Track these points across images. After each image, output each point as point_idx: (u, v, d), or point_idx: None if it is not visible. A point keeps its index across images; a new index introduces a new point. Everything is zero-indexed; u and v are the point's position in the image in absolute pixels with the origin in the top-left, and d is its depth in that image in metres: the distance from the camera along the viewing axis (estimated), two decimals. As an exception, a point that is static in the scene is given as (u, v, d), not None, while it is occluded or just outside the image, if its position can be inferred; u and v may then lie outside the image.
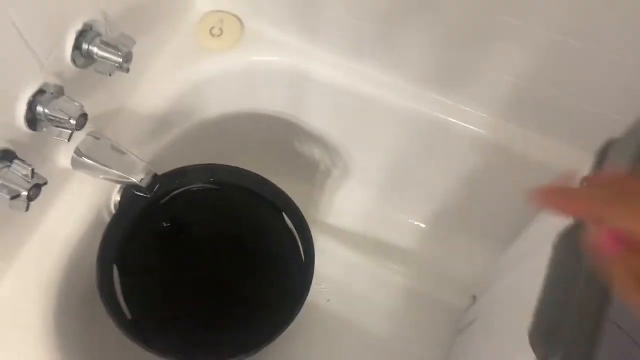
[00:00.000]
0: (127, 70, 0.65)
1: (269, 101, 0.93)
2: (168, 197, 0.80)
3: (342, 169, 1.04)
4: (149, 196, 0.70)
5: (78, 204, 0.73)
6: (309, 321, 0.98)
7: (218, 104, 0.89)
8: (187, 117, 0.87)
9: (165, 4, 0.78)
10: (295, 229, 0.77)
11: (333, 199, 1.07)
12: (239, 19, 0.85)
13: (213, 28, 0.83)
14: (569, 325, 0.41)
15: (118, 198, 0.78)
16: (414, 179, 0.98)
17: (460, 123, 0.82)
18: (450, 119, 0.82)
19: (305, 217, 0.77)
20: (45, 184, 0.59)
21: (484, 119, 0.81)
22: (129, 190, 0.77)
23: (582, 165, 0.54)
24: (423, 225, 1.05)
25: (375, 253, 1.03)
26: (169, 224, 0.80)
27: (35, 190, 0.57)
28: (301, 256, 0.76)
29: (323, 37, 0.82)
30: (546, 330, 0.42)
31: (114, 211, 0.75)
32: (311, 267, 0.73)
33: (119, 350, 0.75)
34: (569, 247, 0.45)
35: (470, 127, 0.81)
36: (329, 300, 1.00)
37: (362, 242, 1.04)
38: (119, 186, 0.77)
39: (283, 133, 0.98)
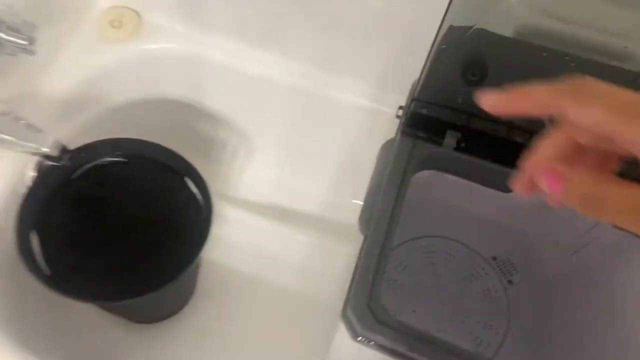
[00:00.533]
0: (32, 53, 0.74)
1: (171, 87, 1.04)
2: (80, 171, 0.89)
3: (247, 147, 1.15)
4: (58, 164, 0.79)
5: (-7, 178, 0.82)
6: (222, 284, 1.09)
7: (123, 91, 0.99)
8: (94, 103, 0.96)
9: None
10: (198, 189, 0.88)
11: (242, 175, 1.18)
12: (137, 12, 0.96)
13: (113, 20, 0.93)
14: (376, 208, 0.54)
15: (32, 174, 0.86)
16: (310, 149, 1.11)
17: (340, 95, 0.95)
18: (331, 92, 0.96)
19: (216, 192, 0.88)
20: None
21: (360, 91, 0.94)
22: (42, 167, 0.86)
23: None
24: (323, 190, 1.18)
25: (283, 218, 1.14)
26: (82, 194, 0.89)
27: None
28: (202, 212, 0.87)
29: (212, 23, 0.94)
30: (366, 213, 0.56)
31: (29, 184, 0.84)
32: (210, 218, 0.84)
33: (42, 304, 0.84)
34: (385, 153, 0.59)
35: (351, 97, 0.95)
36: (240, 262, 1.10)
37: (270, 210, 1.16)
38: (32, 163, 0.86)
39: (187, 117, 1.09)
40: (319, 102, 0.97)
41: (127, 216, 0.93)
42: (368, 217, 0.56)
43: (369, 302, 0.51)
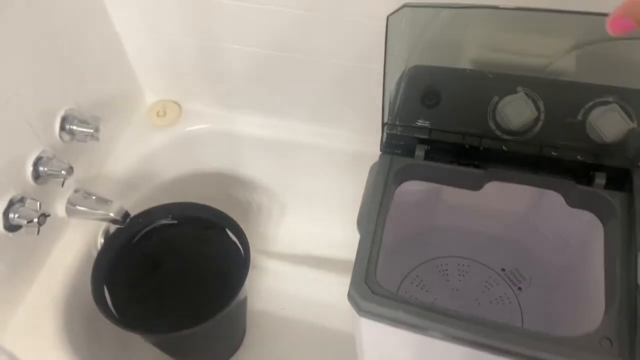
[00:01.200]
0: (97, 139, 0.95)
1: (209, 161, 1.23)
2: (139, 235, 1.07)
3: (279, 206, 1.32)
4: (123, 226, 0.98)
5: (72, 245, 1.01)
6: (270, 328, 1.21)
7: (171, 168, 1.20)
8: (148, 179, 1.16)
9: (122, 98, 1.12)
10: (236, 237, 1.04)
11: (277, 231, 1.34)
12: (177, 103, 1.18)
13: (159, 111, 1.15)
14: (367, 212, 0.69)
15: (101, 240, 1.05)
16: (332, 201, 1.26)
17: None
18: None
19: (255, 248, 1.02)
20: (49, 215, 0.87)
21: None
22: (108, 234, 1.05)
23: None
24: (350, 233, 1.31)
25: (319, 265, 1.27)
26: (142, 253, 1.07)
27: (42, 218, 0.85)
28: (241, 256, 1.02)
29: (237, 105, 1.14)
30: (361, 218, 0.70)
31: (99, 248, 1.03)
32: (247, 261, 0.99)
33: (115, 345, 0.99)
34: (372, 172, 0.74)
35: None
36: (283, 308, 1.23)
37: (306, 259, 1.29)
38: (102, 230, 1.05)
39: (225, 186, 1.28)
40: (331, 155, 1.14)
41: (179, 267, 1.10)
42: (362, 220, 0.70)
43: (366, 279, 0.64)
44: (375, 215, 0.67)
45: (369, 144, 0.98)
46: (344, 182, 1.17)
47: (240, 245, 1.04)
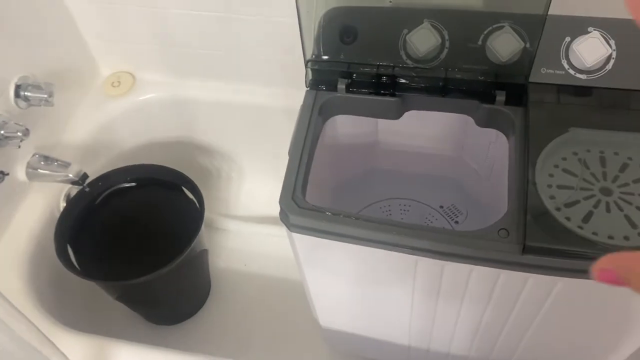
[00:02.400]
0: (52, 104, 1.01)
1: (166, 129, 1.29)
2: (101, 197, 1.12)
3: (237, 170, 1.38)
4: (82, 186, 1.04)
5: (35, 208, 1.06)
6: (233, 284, 1.27)
7: (128, 136, 1.25)
8: (107, 146, 1.22)
9: (76, 69, 1.17)
10: (192, 195, 1.10)
11: (238, 195, 1.40)
12: (132, 74, 1.24)
13: (113, 82, 1.21)
14: (294, 140, 0.75)
15: (64, 203, 1.11)
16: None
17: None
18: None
19: (218, 212, 1.08)
20: (8, 174, 0.93)
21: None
22: (71, 197, 1.11)
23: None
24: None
25: (277, 222, 1.33)
26: (103, 214, 1.12)
27: (0, 176, 0.91)
28: (198, 211, 1.08)
29: (189, 71, 1.21)
30: (291, 147, 0.77)
31: (61, 210, 1.08)
32: (202, 213, 1.05)
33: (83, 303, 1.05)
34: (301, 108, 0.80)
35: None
36: (245, 265, 1.30)
37: (266, 218, 1.36)
38: (63, 193, 1.11)
39: (183, 153, 1.34)
40: (285, 115, 1.20)
41: (140, 226, 1.16)
42: (291, 149, 0.76)
43: (293, 197, 0.70)
44: (302, 142, 0.74)
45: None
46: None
47: (196, 201, 1.10)
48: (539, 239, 0.63)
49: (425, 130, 0.94)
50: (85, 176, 1.05)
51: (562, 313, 0.75)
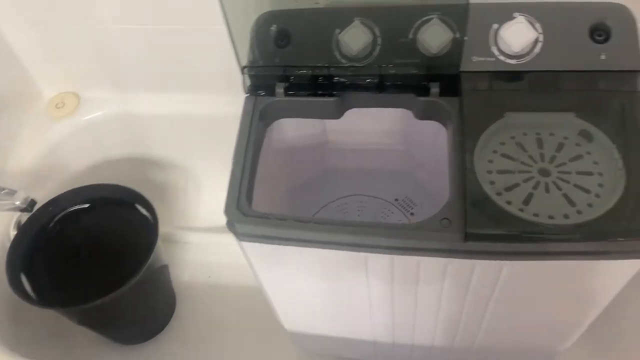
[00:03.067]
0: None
1: (117, 147, 1.27)
2: (53, 222, 1.10)
3: (194, 181, 1.37)
4: (31, 213, 1.01)
5: (-15, 239, 1.04)
6: (199, 297, 1.26)
7: (78, 157, 1.23)
8: (56, 171, 1.19)
9: (15, 93, 1.15)
10: (147, 211, 1.09)
11: (196, 206, 1.39)
12: (76, 94, 1.21)
13: (57, 103, 1.19)
14: (236, 148, 0.75)
15: (14, 232, 1.08)
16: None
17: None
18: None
19: (177, 226, 1.10)
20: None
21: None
22: (21, 225, 1.08)
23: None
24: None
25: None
26: (59, 239, 1.10)
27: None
28: (153, 228, 1.07)
29: (136, 85, 1.19)
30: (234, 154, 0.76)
31: (12, 238, 1.06)
32: (156, 229, 1.04)
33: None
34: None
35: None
36: (209, 277, 1.29)
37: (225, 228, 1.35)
38: (13, 222, 1.08)
39: (137, 170, 1.32)
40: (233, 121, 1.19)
41: (97, 248, 1.14)
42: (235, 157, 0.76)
43: (238, 205, 0.70)
44: (244, 150, 0.74)
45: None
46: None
47: (150, 217, 1.08)
48: (480, 225, 0.64)
49: (371, 127, 0.94)
50: (33, 202, 1.02)
51: (514, 295, 0.76)
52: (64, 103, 1.19)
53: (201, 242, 1.33)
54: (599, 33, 0.72)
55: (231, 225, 0.70)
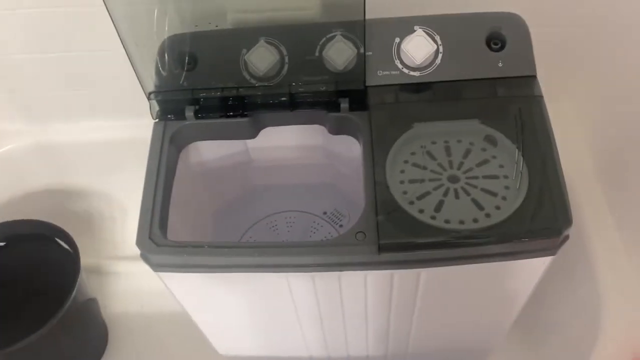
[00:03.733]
0: None
1: (35, 179, 1.22)
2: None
3: (119, 209, 1.33)
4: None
5: None
6: (133, 328, 1.22)
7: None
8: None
9: None
10: (67, 245, 1.05)
11: (124, 235, 1.35)
12: (-16, 128, 1.16)
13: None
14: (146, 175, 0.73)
15: None
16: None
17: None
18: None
19: (107, 256, 1.05)
20: None
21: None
22: None
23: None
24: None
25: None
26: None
27: None
28: (73, 261, 1.03)
29: (48, 114, 1.14)
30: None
31: None
32: (78, 262, 1.00)
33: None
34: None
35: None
36: (142, 306, 1.25)
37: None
38: None
39: (58, 201, 1.27)
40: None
41: (17, 287, 1.08)
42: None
43: (150, 235, 0.69)
44: (154, 177, 0.72)
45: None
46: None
47: (72, 251, 1.04)
48: (392, 236, 0.65)
49: (291, 143, 0.94)
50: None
51: (436, 299, 0.78)
52: (-28, 138, 1.13)
53: (131, 272, 1.29)
54: (495, 42, 0.76)
55: (144, 257, 0.68)
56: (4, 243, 1.07)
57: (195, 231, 0.95)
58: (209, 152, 0.91)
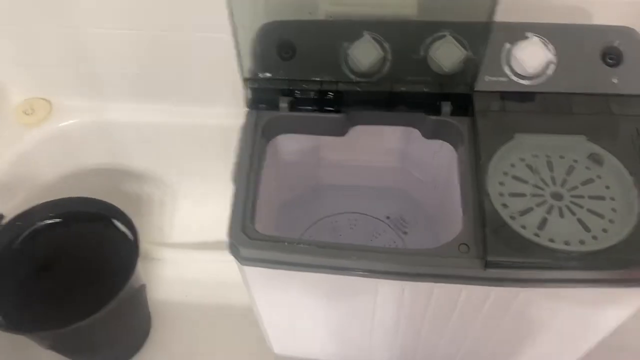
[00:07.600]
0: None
1: (91, 156, 1.19)
2: (21, 238, 1.02)
3: (170, 194, 1.31)
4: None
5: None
6: (175, 317, 1.19)
7: (50, 167, 1.15)
8: (24, 182, 1.11)
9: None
10: (125, 227, 1.02)
11: (172, 221, 1.32)
12: (47, 100, 1.13)
13: (26, 109, 1.10)
14: (239, 165, 0.70)
15: (-20, 249, 0.99)
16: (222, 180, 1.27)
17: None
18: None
19: (152, 241, 1.05)
20: None
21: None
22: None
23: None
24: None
25: (215, 247, 1.27)
26: (28, 256, 1.02)
27: None
28: (132, 245, 1.00)
29: (112, 93, 1.12)
30: (235, 171, 0.72)
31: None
32: (137, 248, 0.97)
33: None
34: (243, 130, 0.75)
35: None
36: (186, 295, 1.22)
37: (203, 244, 1.29)
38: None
39: (111, 181, 1.24)
40: (213, 133, 1.14)
41: (70, 265, 1.06)
42: (236, 175, 0.71)
43: (243, 229, 0.66)
44: (247, 168, 0.69)
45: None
46: (230, 159, 1.18)
47: (129, 234, 1.02)
48: (500, 252, 0.62)
49: (368, 144, 0.91)
50: (1, 217, 0.94)
51: (525, 320, 0.74)
52: (34, 109, 1.11)
53: (177, 259, 1.26)
54: (611, 56, 0.72)
55: (235, 249, 0.65)
56: (60, 220, 1.04)
57: (260, 224, 0.92)
58: (284, 145, 0.88)
